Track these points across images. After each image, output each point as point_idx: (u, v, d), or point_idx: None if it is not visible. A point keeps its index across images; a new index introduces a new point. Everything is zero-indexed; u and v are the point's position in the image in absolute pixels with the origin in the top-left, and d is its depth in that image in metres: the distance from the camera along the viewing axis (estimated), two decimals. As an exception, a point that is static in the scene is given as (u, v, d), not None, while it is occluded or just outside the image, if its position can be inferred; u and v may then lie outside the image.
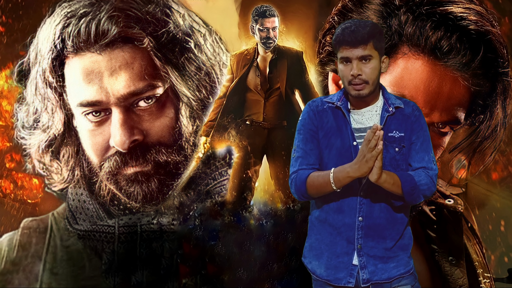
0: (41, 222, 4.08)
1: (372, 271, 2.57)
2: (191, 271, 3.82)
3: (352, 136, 2.56)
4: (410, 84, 3.37)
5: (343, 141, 2.56)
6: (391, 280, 2.59)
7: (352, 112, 2.59)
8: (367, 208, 2.56)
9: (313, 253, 2.66)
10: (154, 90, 3.80)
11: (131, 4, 3.79)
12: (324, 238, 2.62)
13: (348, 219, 2.57)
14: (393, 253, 2.60)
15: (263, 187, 3.83)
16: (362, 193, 2.55)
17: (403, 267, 2.61)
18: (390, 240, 2.59)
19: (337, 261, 2.59)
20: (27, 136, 4.01)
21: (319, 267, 2.63)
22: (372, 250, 2.57)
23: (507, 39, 3.60)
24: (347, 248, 2.58)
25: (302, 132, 2.62)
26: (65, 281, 3.96)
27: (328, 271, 2.60)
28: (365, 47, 2.49)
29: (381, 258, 2.58)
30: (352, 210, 2.56)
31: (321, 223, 2.63)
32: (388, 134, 2.56)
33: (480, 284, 3.77)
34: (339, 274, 2.59)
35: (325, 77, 3.73)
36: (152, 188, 3.85)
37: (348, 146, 2.56)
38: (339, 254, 2.59)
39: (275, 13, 3.74)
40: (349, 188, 2.54)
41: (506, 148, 4.07)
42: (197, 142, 3.91)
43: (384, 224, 2.57)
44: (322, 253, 2.62)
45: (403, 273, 2.61)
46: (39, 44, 3.88)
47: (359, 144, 2.54)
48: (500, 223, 4.32)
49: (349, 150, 2.55)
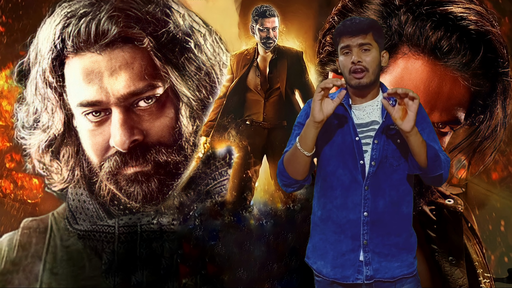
0: (41, 222, 4.08)
1: (376, 269, 2.57)
2: (191, 271, 3.82)
3: (354, 131, 2.56)
4: (410, 84, 3.37)
5: (344, 137, 2.56)
6: (394, 280, 2.59)
7: (354, 107, 2.59)
8: (371, 203, 2.55)
9: (317, 253, 2.65)
10: (154, 90, 3.80)
11: (131, 4, 3.79)
12: (328, 237, 2.61)
13: (352, 215, 2.56)
14: (398, 251, 2.59)
15: (263, 187, 3.83)
16: (366, 186, 2.55)
17: (406, 268, 2.61)
18: (395, 237, 2.58)
19: (343, 259, 2.58)
20: (27, 136, 4.01)
21: (325, 267, 2.62)
22: (377, 246, 2.57)
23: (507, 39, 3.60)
24: (353, 245, 2.57)
25: (297, 128, 2.63)
26: (65, 281, 3.97)
27: (335, 270, 2.60)
28: (365, 36, 2.51)
29: (386, 255, 2.57)
30: (356, 206, 2.55)
31: (324, 222, 2.62)
32: (390, 126, 2.56)
33: (480, 284, 3.77)
34: (346, 272, 2.58)
35: (325, 77, 3.73)
36: (152, 188, 3.85)
37: (350, 141, 2.56)
38: (345, 252, 2.58)
39: (275, 13, 3.75)
40: (353, 183, 2.55)
41: (506, 148, 4.07)
42: (197, 142, 3.91)
43: (389, 220, 2.57)
44: (327, 252, 2.61)
45: (406, 274, 2.60)
46: (39, 44, 3.88)
47: (361, 139, 2.55)
48: (500, 223, 4.32)
49: (351, 145, 2.55)
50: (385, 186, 2.55)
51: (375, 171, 2.55)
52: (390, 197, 2.57)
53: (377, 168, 2.55)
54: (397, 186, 2.57)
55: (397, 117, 2.44)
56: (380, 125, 2.56)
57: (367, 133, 2.56)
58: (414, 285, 2.62)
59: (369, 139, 2.56)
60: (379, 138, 2.55)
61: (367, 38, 2.51)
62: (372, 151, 2.55)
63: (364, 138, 2.56)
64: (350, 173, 2.55)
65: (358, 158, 2.55)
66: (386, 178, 2.56)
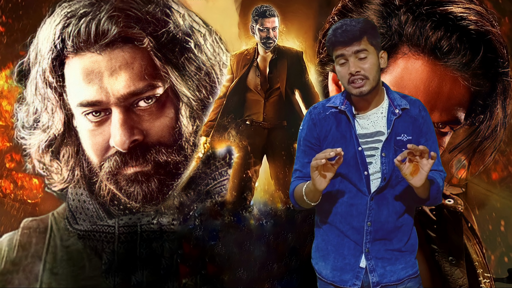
0: (41, 222, 4.08)
1: (381, 274, 2.56)
2: (191, 271, 3.82)
3: (357, 142, 2.53)
4: (410, 84, 3.37)
5: (348, 148, 2.52)
6: (400, 282, 2.58)
7: (357, 116, 2.55)
8: (375, 213, 2.54)
9: (319, 254, 2.65)
10: (154, 90, 3.80)
11: (131, 4, 3.79)
12: (331, 239, 2.61)
13: (356, 223, 2.55)
14: (401, 254, 2.59)
15: (263, 187, 3.83)
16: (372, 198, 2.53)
17: (411, 268, 2.61)
18: (397, 242, 2.59)
19: (343, 263, 2.58)
20: (27, 136, 4.01)
21: (325, 268, 2.62)
22: (379, 252, 2.56)
23: (507, 39, 3.60)
24: (354, 250, 2.57)
25: (302, 144, 2.61)
26: (65, 281, 3.96)
27: (334, 273, 2.59)
28: (359, 42, 2.44)
29: (389, 259, 2.57)
30: (360, 215, 2.55)
31: (327, 224, 2.61)
32: (396, 138, 2.53)
33: (480, 284, 3.77)
34: (345, 276, 2.58)
35: (325, 77, 3.73)
36: (152, 188, 3.85)
37: (353, 152, 2.53)
38: (346, 256, 2.58)
39: (275, 13, 3.74)
40: (358, 193, 2.54)
41: (506, 148, 4.07)
42: (197, 142, 3.91)
43: (391, 228, 2.57)
44: (329, 254, 2.61)
45: (411, 274, 2.61)
46: (39, 44, 3.88)
47: (365, 150, 2.52)
48: (500, 223, 4.32)
49: (354, 157, 2.53)
50: (389, 196, 2.55)
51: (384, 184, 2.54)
52: (393, 207, 2.56)
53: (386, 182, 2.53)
54: (400, 196, 2.56)
55: (407, 172, 2.42)
56: (387, 137, 2.53)
57: (372, 144, 2.53)
58: (416, 283, 2.63)
59: (373, 151, 2.53)
60: (386, 151, 2.53)
61: (362, 44, 2.44)
62: (382, 165, 2.52)
63: (369, 149, 2.53)
64: (354, 184, 2.54)
65: (362, 169, 2.52)
66: (390, 189, 2.56)
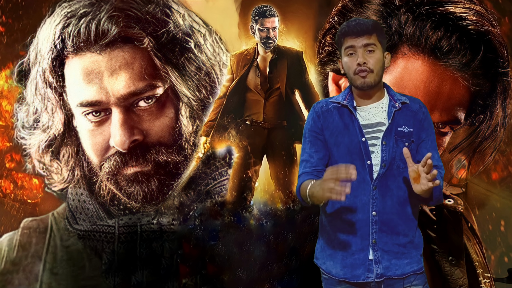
0: (41, 222, 4.08)
1: (386, 267, 2.58)
2: (191, 271, 3.82)
3: (361, 132, 2.58)
4: (410, 84, 3.37)
5: (351, 138, 2.59)
6: (404, 277, 2.60)
7: (358, 109, 2.61)
8: (380, 203, 2.57)
9: (326, 254, 2.67)
10: (154, 90, 3.80)
11: (131, 4, 3.79)
12: (336, 237, 2.63)
13: (361, 214, 2.58)
14: (407, 250, 2.62)
15: (263, 187, 3.83)
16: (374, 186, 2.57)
17: (416, 264, 2.63)
18: (403, 236, 2.61)
19: (352, 259, 2.60)
20: (27, 136, 4.01)
21: (334, 267, 2.64)
22: (386, 245, 2.59)
23: (507, 39, 3.60)
24: (362, 245, 2.59)
25: (307, 135, 2.66)
26: (65, 281, 3.96)
27: (344, 270, 2.61)
28: (370, 37, 2.54)
29: (395, 253, 2.60)
30: (365, 205, 2.58)
31: (332, 222, 2.64)
32: (397, 128, 2.59)
33: (480, 284, 3.77)
34: (356, 271, 2.60)
35: (325, 77, 3.73)
36: (152, 188, 3.85)
37: (357, 142, 2.58)
38: (354, 252, 2.60)
39: (275, 13, 3.74)
40: (361, 183, 2.56)
41: (506, 148, 4.07)
42: (197, 142, 3.91)
43: (397, 220, 2.59)
44: (336, 253, 2.63)
45: (416, 269, 2.63)
46: (39, 44, 3.88)
47: (368, 140, 2.57)
48: (500, 223, 4.32)
49: (358, 146, 2.58)
50: (393, 187, 2.59)
51: (384, 172, 2.57)
52: (397, 198, 2.59)
53: (386, 169, 2.57)
54: (403, 187, 2.60)
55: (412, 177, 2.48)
56: (388, 127, 2.58)
57: (374, 134, 2.59)
58: (422, 281, 2.65)
59: (375, 140, 2.59)
60: (387, 140, 2.58)
61: (372, 39, 2.54)
62: (382, 152, 2.58)
63: (371, 139, 2.58)
64: (358, 173, 2.54)
65: (365, 159, 2.57)
66: (393, 179, 2.59)
